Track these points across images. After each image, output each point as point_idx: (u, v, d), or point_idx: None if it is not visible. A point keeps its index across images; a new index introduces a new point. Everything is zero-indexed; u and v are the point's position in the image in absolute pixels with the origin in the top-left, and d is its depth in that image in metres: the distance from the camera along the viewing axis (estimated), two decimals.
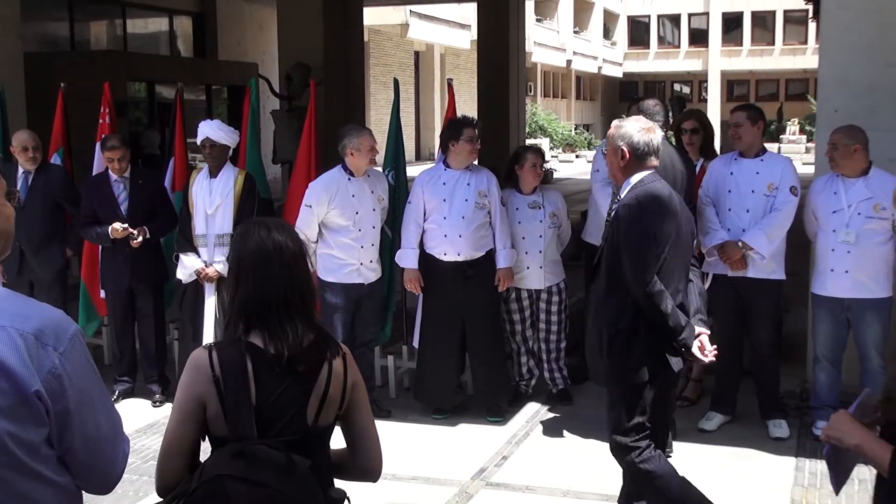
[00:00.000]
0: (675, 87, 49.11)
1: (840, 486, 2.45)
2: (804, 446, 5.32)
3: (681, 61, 47.95)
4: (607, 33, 48.12)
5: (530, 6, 28.64)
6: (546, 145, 33.48)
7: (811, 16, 16.45)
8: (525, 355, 6.18)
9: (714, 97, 45.54)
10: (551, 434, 5.60)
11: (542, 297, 6.06)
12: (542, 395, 6.21)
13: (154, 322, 6.36)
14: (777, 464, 5.10)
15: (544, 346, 6.11)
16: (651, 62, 48.92)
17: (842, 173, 5.24)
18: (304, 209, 5.71)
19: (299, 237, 2.41)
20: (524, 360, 6.20)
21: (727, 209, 5.49)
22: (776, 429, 5.50)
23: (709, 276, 5.76)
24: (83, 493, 1.97)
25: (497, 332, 6.03)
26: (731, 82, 47.70)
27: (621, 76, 49.31)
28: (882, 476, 2.19)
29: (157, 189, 6.42)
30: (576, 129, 42.15)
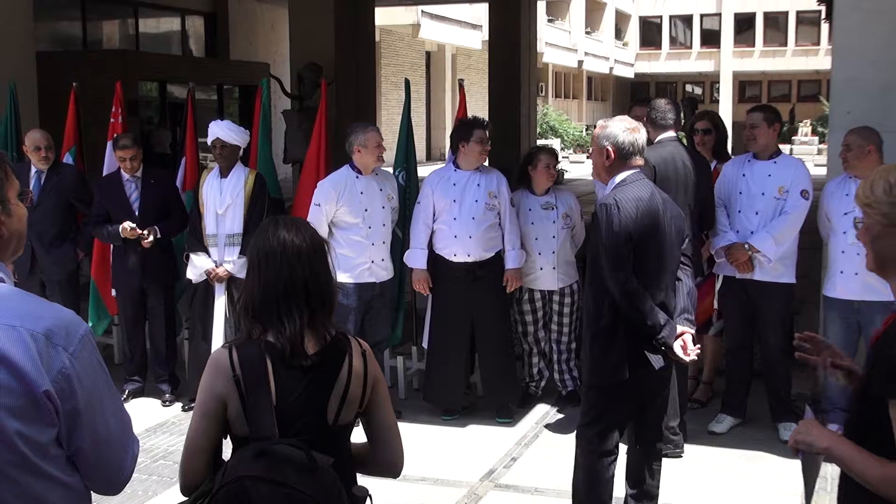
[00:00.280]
0: (687, 87, 49.01)
1: (811, 495, 2.46)
2: None
3: (693, 62, 47.84)
4: (619, 34, 48.03)
5: (542, 6, 28.61)
6: (557, 146, 33.44)
7: (824, 17, 16.38)
8: (536, 356, 6.17)
9: (726, 98, 45.42)
10: (560, 436, 5.58)
11: (555, 298, 6.05)
12: (552, 396, 6.20)
13: (165, 322, 6.38)
14: (788, 467, 5.06)
15: (556, 347, 6.11)
16: (663, 63, 48.81)
17: (855, 174, 5.20)
18: (314, 208, 5.72)
19: (314, 235, 2.40)
20: (535, 361, 6.19)
21: (737, 211, 5.48)
22: (787, 432, 5.46)
23: (719, 277, 5.75)
24: (92, 493, 1.97)
25: (506, 334, 6.02)
26: (743, 83, 47.55)
27: (633, 77, 49.23)
28: (847, 476, 2.22)
29: (169, 189, 6.44)
30: (587, 129, 42.03)
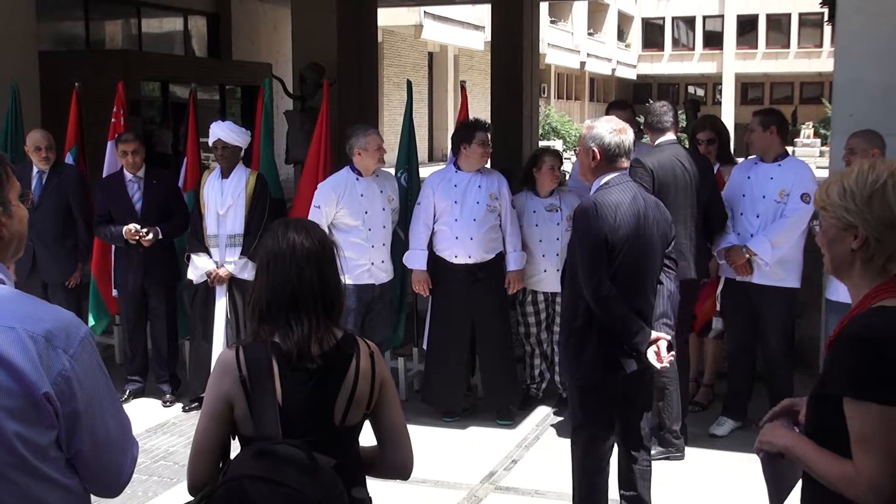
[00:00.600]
0: (690, 89, 48.98)
1: (780, 501, 2.47)
2: None
3: (695, 64, 47.80)
4: (621, 35, 48.01)
5: (545, 8, 28.59)
6: (559, 147, 33.45)
7: (826, 19, 16.37)
8: (538, 358, 6.17)
9: (728, 100, 45.38)
10: (561, 438, 5.57)
11: (558, 300, 6.03)
12: (553, 398, 6.19)
13: (166, 322, 6.39)
14: None
15: (558, 349, 6.10)
16: (665, 64, 48.78)
17: None
18: (313, 210, 5.72)
19: (324, 238, 2.41)
20: (537, 363, 6.19)
21: (739, 213, 5.49)
22: None
23: (721, 279, 5.75)
24: (92, 495, 1.97)
25: (506, 335, 6.02)
26: (746, 85, 47.52)
27: (635, 78, 49.19)
28: (809, 476, 2.24)
29: (172, 189, 6.45)
30: None
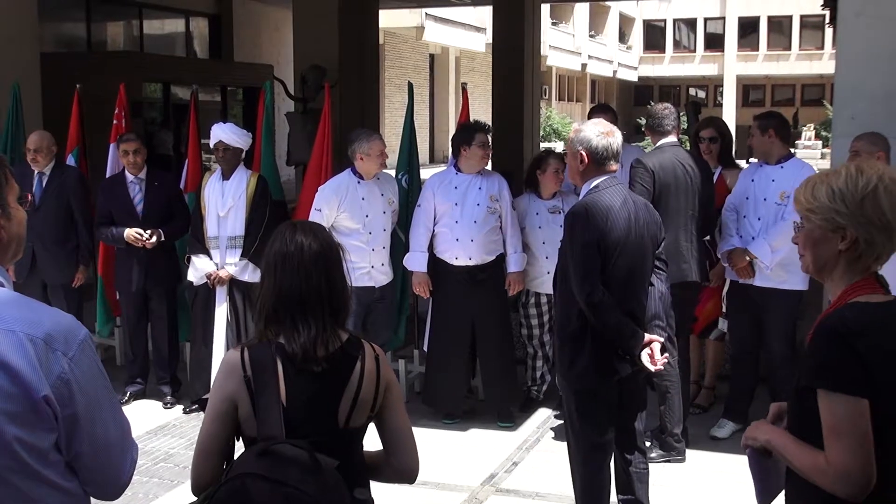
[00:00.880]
0: (691, 91, 48.97)
1: (767, 500, 2.47)
2: None
3: (696, 66, 47.80)
4: (623, 37, 48.01)
5: (546, 9, 28.60)
6: (560, 149, 33.40)
7: (828, 21, 16.35)
8: (540, 360, 6.16)
9: (729, 102, 45.36)
10: (562, 440, 5.53)
11: None
12: (553, 400, 6.17)
13: (167, 324, 6.39)
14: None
15: None
16: (666, 66, 48.78)
17: None
18: (314, 213, 5.73)
19: (331, 240, 2.42)
20: (539, 365, 6.18)
21: (743, 216, 5.51)
22: None
23: (727, 281, 5.77)
24: (92, 498, 1.97)
25: (507, 337, 6.02)
26: (747, 87, 47.50)
27: (636, 80, 49.20)
28: (791, 471, 2.26)
29: (174, 191, 6.44)
30: None
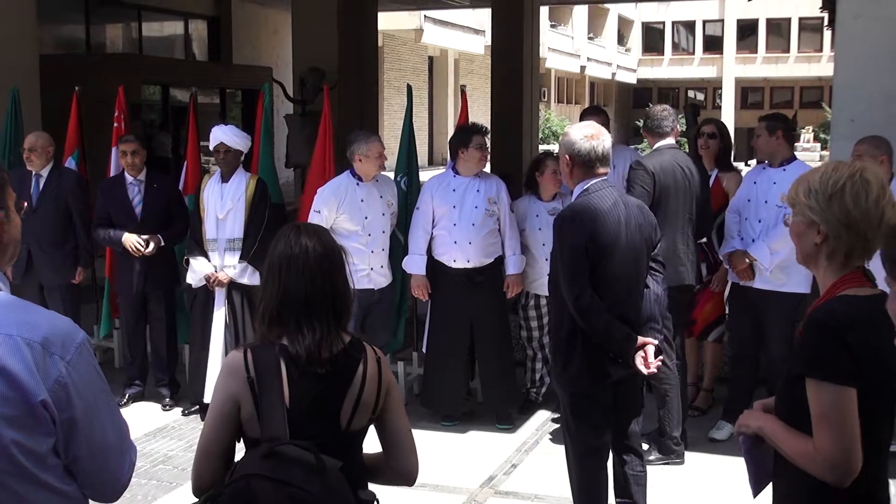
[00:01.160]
0: (690, 93, 48.98)
1: (760, 488, 2.49)
2: None
3: (695, 68, 47.83)
4: (622, 39, 48.05)
5: (545, 12, 28.62)
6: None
7: (826, 24, 16.36)
8: (540, 362, 6.16)
9: (728, 104, 45.39)
10: (560, 442, 5.52)
11: None
12: (552, 402, 6.17)
13: (165, 326, 6.38)
14: None
15: None
16: (665, 69, 48.82)
17: None
18: (314, 214, 5.73)
19: (334, 243, 2.43)
20: (538, 367, 6.18)
21: (744, 218, 5.52)
22: None
23: (728, 283, 5.78)
24: (90, 500, 1.96)
25: (506, 339, 6.02)
26: (746, 89, 47.52)
27: (635, 82, 49.23)
28: (780, 456, 2.30)
29: (173, 194, 6.43)
30: None
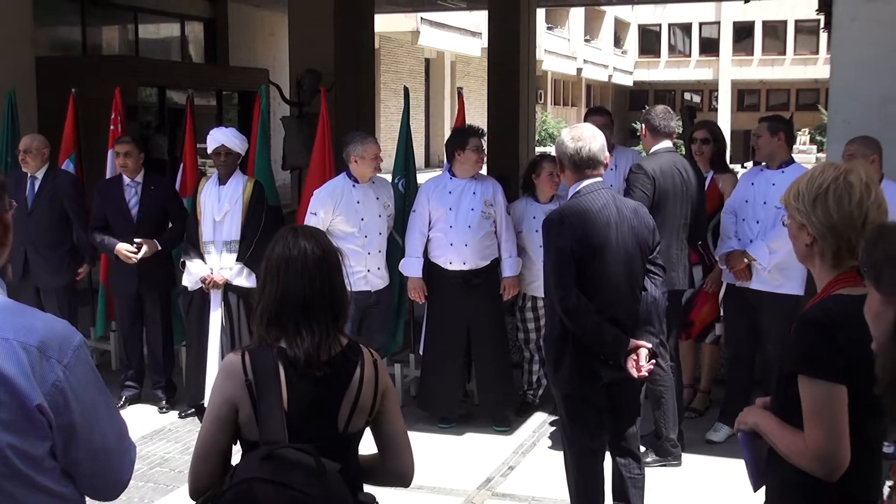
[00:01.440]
0: (686, 95, 49.02)
1: (760, 483, 2.51)
2: None
3: (691, 70, 47.88)
4: (618, 42, 48.08)
5: (541, 14, 28.66)
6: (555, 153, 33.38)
7: (822, 26, 16.39)
8: (537, 363, 6.15)
9: (724, 106, 45.45)
10: (558, 444, 5.54)
11: None
12: (549, 404, 6.18)
13: (161, 328, 6.37)
14: None
15: None
16: (662, 71, 48.86)
17: None
18: (310, 216, 5.73)
19: (332, 246, 2.43)
20: (535, 369, 6.18)
21: (742, 219, 5.52)
22: None
23: (724, 284, 5.78)
24: (91, 500, 1.96)
25: (502, 341, 6.02)
26: (742, 91, 47.59)
27: (632, 85, 49.25)
28: (773, 452, 2.33)
29: (170, 196, 6.41)
30: None
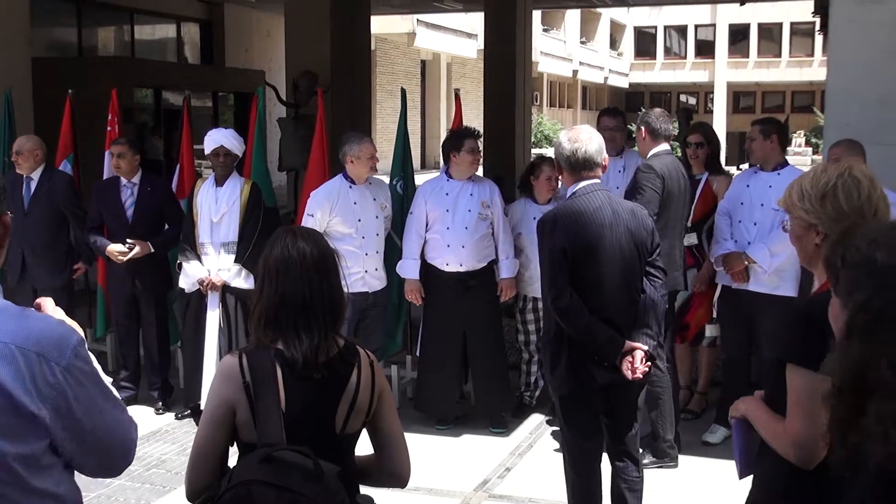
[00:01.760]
0: (682, 97, 49.08)
1: (746, 472, 2.52)
2: None
3: (687, 72, 47.96)
4: (614, 44, 48.14)
5: (537, 16, 28.67)
6: (551, 155, 33.38)
7: (818, 28, 16.44)
8: (535, 365, 6.15)
9: (720, 108, 45.52)
10: (555, 446, 5.56)
11: None
12: (546, 406, 6.17)
13: (157, 330, 6.35)
14: None
15: None
16: (657, 73, 48.93)
17: None
18: (307, 218, 5.72)
19: (329, 247, 2.43)
20: (534, 370, 6.17)
21: (738, 221, 5.52)
22: None
23: (718, 287, 5.78)
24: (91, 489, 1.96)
25: (499, 343, 6.01)
26: (738, 94, 47.67)
27: (627, 87, 49.32)
28: (764, 442, 2.35)
29: (167, 198, 6.39)
30: None
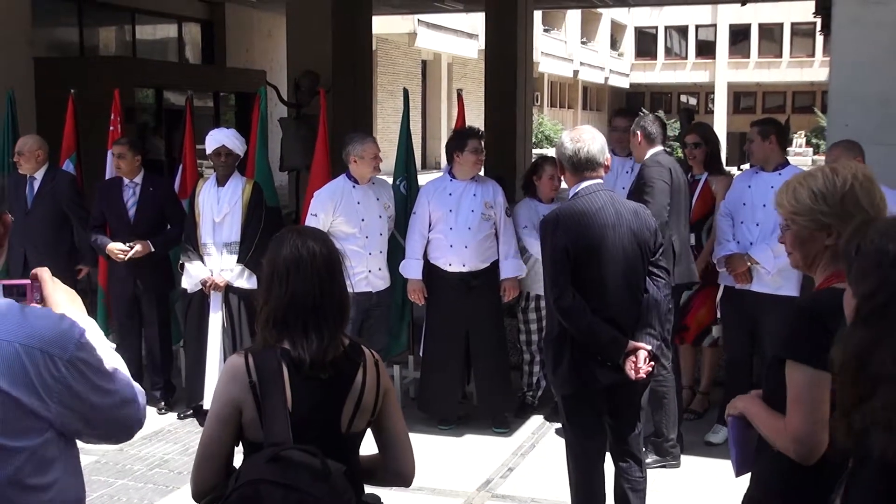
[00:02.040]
0: (682, 98, 49.09)
1: (743, 470, 2.50)
2: None
3: (688, 73, 47.93)
4: (614, 44, 48.13)
5: (538, 16, 28.67)
6: (553, 155, 33.38)
7: (819, 29, 16.44)
8: (537, 365, 6.14)
9: (721, 109, 45.49)
10: (557, 446, 5.55)
11: None
12: (549, 406, 6.18)
13: (159, 330, 6.35)
14: None
15: None
16: (658, 73, 48.90)
17: None
18: (310, 218, 5.72)
19: (334, 246, 2.43)
20: (536, 370, 6.17)
21: (740, 222, 5.51)
22: None
23: (720, 287, 5.78)
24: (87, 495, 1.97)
25: (501, 343, 6.01)
26: (738, 94, 47.65)
27: (628, 87, 49.30)
28: (762, 439, 2.35)
29: (169, 198, 6.39)
30: None
